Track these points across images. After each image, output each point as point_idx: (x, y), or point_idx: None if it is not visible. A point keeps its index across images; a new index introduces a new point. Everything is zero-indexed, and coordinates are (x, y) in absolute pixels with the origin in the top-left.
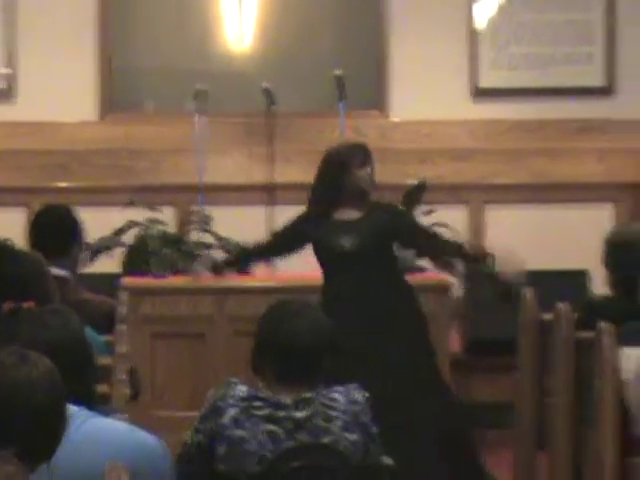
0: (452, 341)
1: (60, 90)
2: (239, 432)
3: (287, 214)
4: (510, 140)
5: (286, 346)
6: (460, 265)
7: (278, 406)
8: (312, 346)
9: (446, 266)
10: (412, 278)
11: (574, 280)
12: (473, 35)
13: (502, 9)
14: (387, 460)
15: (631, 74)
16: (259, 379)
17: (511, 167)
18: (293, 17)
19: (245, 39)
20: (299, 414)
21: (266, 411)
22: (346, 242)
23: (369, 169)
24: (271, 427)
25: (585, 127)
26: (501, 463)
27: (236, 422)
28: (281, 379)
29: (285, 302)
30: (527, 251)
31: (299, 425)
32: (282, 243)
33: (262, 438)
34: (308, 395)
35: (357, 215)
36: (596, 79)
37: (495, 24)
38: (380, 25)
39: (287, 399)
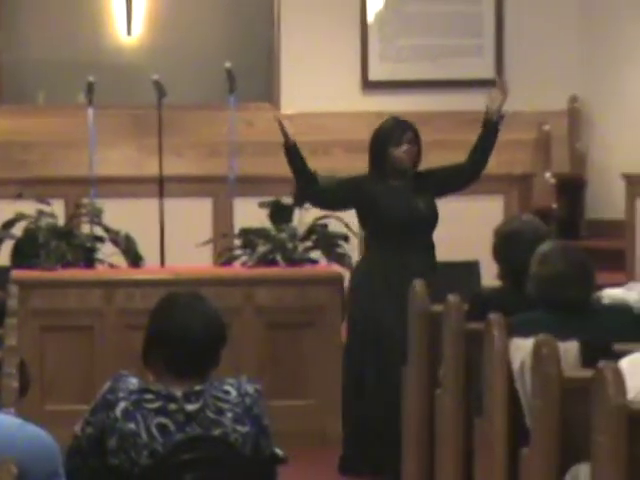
0: (344, 332)
1: None
2: (130, 425)
3: (178, 206)
4: None
5: (177, 339)
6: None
7: (169, 399)
8: (204, 338)
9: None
10: (302, 270)
11: (465, 271)
12: (363, 28)
13: (392, 1)
14: (278, 451)
15: (520, 66)
16: (150, 372)
17: None
18: (183, 9)
19: (135, 31)
20: (190, 407)
21: (157, 404)
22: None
23: (405, 147)
24: (162, 420)
25: (475, 119)
26: None
27: (127, 415)
28: (172, 372)
29: (176, 295)
30: None
31: (190, 418)
32: (338, 190)
33: (153, 431)
34: (199, 387)
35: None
36: (485, 71)
37: (384, 16)
38: (271, 17)
39: (178, 392)
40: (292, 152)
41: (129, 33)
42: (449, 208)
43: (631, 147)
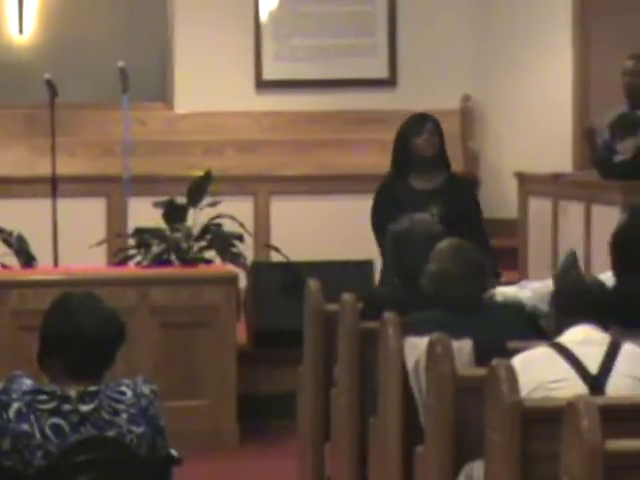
0: (239, 333)
1: None
2: (23, 426)
3: (71, 206)
4: (295, 132)
5: (72, 339)
6: None
7: (63, 399)
8: (99, 338)
9: None
10: (197, 270)
11: (359, 271)
12: (257, 27)
13: (285, 1)
14: (174, 452)
15: (412, 66)
16: (45, 373)
17: (296, 158)
18: (76, 7)
19: (26, 30)
20: (84, 407)
21: (51, 405)
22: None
23: (425, 136)
24: (56, 421)
25: (368, 118)
26: (287, 454)
27: (20, 416)
28: (68, 372)
29: (70, 295)
30: (312, 242)
31: (84, 418)
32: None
33: (47, 432)
34: (94, 388)
35: (434, 184)
36: (378, 71)
37: (278, 16)
38: (164, 16)
39: (72, 392)
40: None
41: (21, 32)
42: (343, 207)
43: (523, 146)
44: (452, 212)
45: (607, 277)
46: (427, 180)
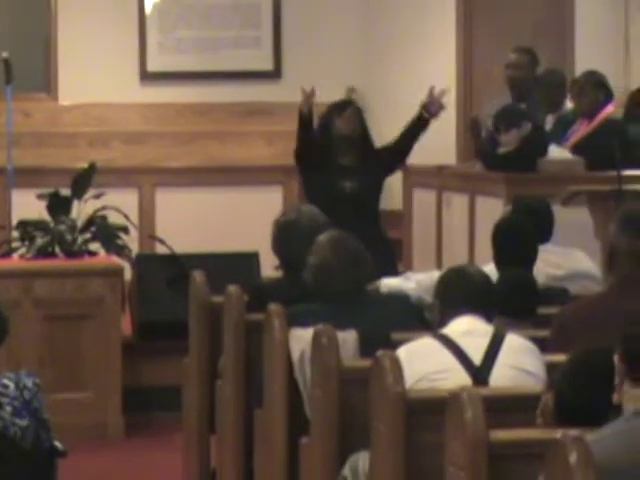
0: (124, 325)
1: None
2: None
3: None
4: (181, 124)
5: None
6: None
7: None
8: None
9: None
10: (81, 262)
11: (244, 262)
12: (142, 18)
13: None
14: (58, 444)
15: (296, 58)
16: None
17: (182, 150)
18: None
19: None
20: None
21: None
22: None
23: (346, 115)
24: None
25: (253, 110)
26: (172, 447)
27: None
28: None
29: None
30: (197, 234)
31: None
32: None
33: None
34: None
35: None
36: (263, 63)
37: (163, 7)
38: (48, 7)
39: None
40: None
41: None
42: (228, 199)
43: None
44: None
45: (489, 269)
46: (347, 157)
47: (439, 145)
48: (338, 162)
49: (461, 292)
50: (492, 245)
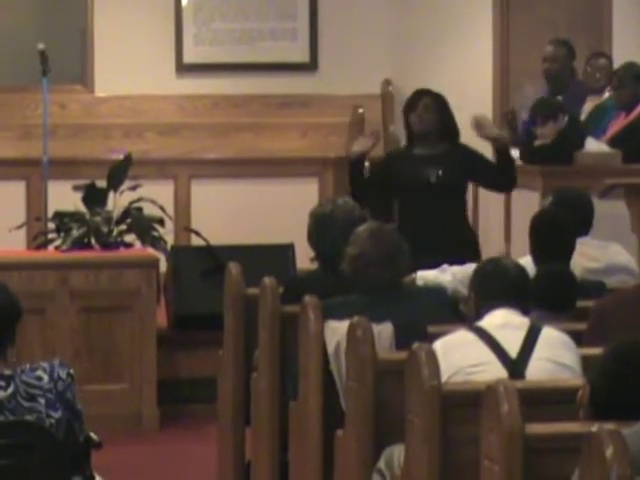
0: (159, 317)
1: None
2: None
3: None
4: (216, 115)
5: None
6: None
7: None
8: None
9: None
10: (117, 254)
11: (279, 254)
12: (178, 10)
13: None
14: (93, 436)
15: (332, 50)
16: None
17: (217, 142)
18: None
19: None
20: (0, 394)
21: None
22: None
23: (418, 112)
24: None
25: (289, 102)
26: (207, 438)
27: None
28: None
29: None
30: (233, 225)
31: (1, 406)
32: (375, 177)
33: None
34: (8, 372)
35: (436, 151)
36: (299, 55)
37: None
38: None
39: None
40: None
41: None
42: (264, 190)
43: None
44: (450, 174)
45: (526, 261)
46: (427, 149)
47: (475, 137)
48: (419, 153)
49: (496, 284)
50: (530, 238)
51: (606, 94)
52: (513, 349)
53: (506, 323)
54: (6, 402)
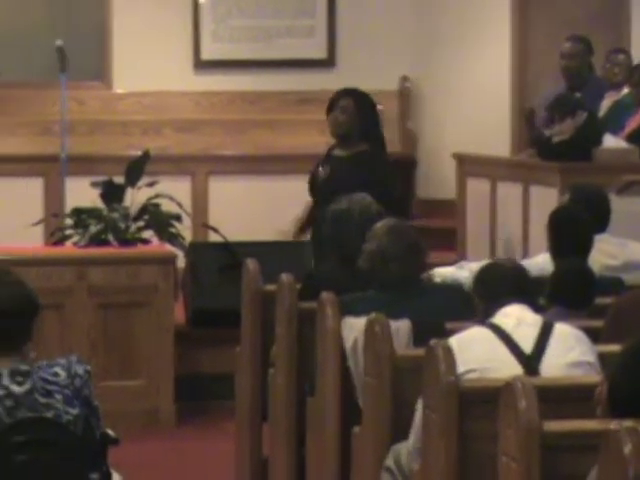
0: (176, 313)
1: None
2: None
3: (8, 186)
4: (233, 112)
5: None
6: None
7: None
8: (14, 312)
9: None
10: (134, 250)
11: (297, 251)
12: (195, 7)
13: None
14: (110, 432)
15: (350, 46)
16: None
17: (234, 139)
18: None
19: None
20: (18, 389)
21: None
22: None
23: (335, 113)
24: None
25: (306, 99)
26: (225, 434)
27: None
28: None
29: None
30: (250, 222)
31: (19, 402)
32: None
33: None
34: (25, 368)
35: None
36: (317, 51)
37: None
38: None
39: (4, 370)
40: None
41: None
42: (281, 187)
43: (461, 127)
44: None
45: (544, 258)
46: (344, 150)
47: (493, 135)
48: (336, 154)
49: (498, 287)
50: (548, 234)
51: (624, 90)
52: (527, 346)
53: (520, 320)
54: (23, 399)
